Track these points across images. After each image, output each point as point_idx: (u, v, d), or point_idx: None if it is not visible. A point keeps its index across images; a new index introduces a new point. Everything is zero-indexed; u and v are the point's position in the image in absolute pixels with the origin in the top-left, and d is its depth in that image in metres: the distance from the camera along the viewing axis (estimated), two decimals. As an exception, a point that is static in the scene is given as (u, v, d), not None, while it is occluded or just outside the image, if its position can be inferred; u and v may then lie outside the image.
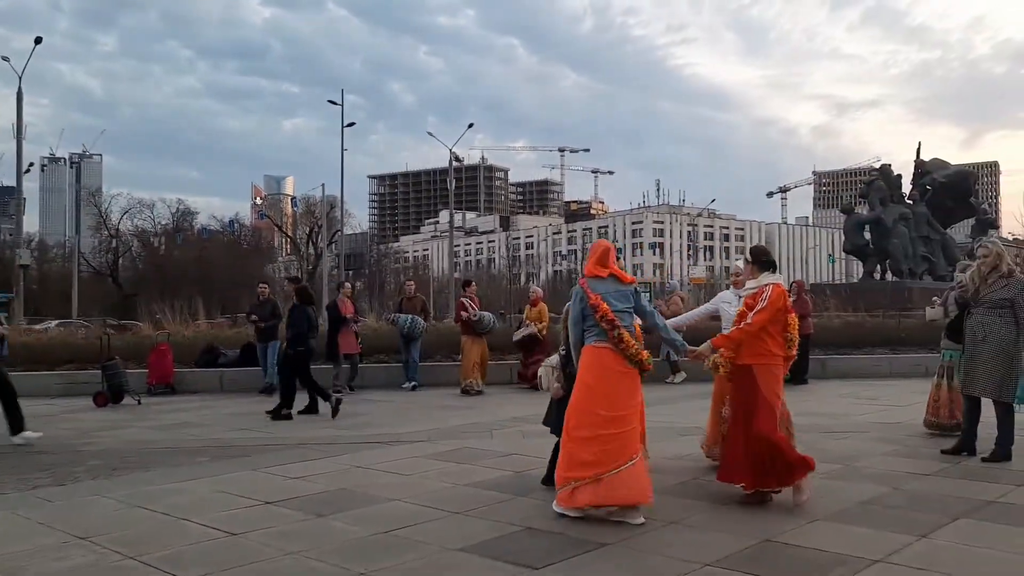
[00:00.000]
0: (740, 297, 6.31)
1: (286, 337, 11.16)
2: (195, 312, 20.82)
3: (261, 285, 14.33)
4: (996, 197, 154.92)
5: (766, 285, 5.76)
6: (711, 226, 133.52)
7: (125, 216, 62.49)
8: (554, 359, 6.34)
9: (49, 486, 6.74)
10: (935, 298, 8.90)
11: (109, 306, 49.11)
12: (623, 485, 5.17)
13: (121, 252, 61.73)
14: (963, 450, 7.25)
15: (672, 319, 7.05)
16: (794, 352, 5.90)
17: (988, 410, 7.18)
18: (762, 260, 5.92)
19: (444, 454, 7.76)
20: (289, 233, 72.83)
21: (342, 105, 42.69)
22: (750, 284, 5.97)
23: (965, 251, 34.12)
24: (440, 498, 5.95)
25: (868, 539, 4.83)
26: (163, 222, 65.22)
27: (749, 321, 5.68)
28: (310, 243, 64.99)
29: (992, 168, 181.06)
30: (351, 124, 45.16)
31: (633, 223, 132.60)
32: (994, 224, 35.73)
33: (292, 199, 64.86)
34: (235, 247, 67.26)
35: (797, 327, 5.93)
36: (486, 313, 13.88)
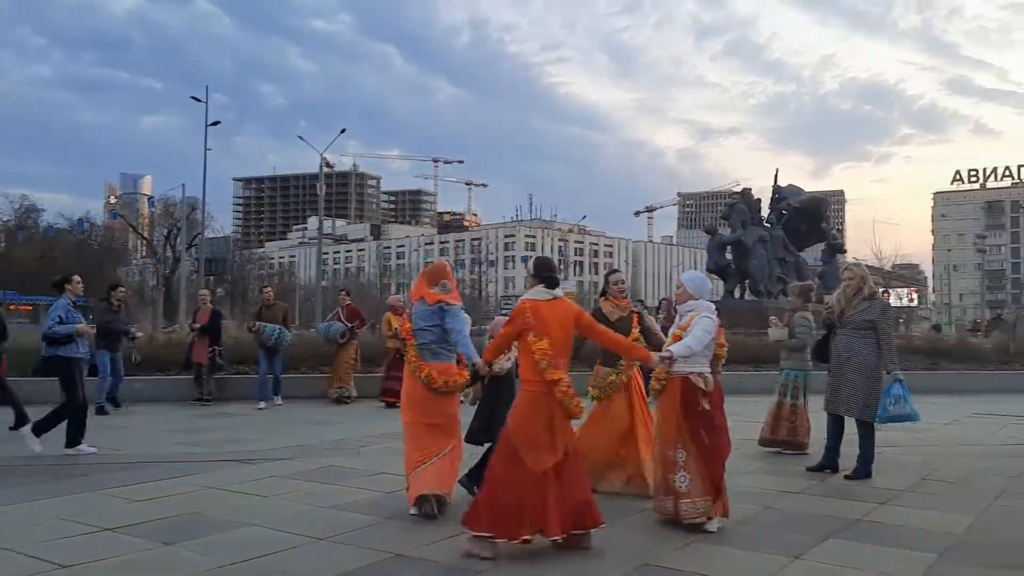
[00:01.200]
0: (681, 316, 5.89)
1: None
2: (37, 315, 19.28)
3: (120, 290, 13.24)
4: (842, 224, 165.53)
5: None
6: (581, 242, 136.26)
7: (-40, 210, 57.88)
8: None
9: None
10: (773, 318, 9.22)
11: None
12: (430, 475, 5.72)
13: (-45, 249, 57.04)
14: (826, 467, 7.43)
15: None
16: (551, 377, 4.91)
17: (849, 427, 7.40)
18: (538, 274, 5.24)
19: (307, 473, 7.31)
20: (145, 235, 69.17)
21: (206, 102, 40.91)
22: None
23: (816, 273, 36.16)
24: (303, 522, 5.54)
25: (747, 561, 4.78)
26: (4, 218, 60.81)
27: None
28: (168, 246, 61.90)
29: (839, 196, 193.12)
30: (216, 123, 43.39)
31: (506, 236, 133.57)
32: (842, 249, 37.90)
33: (149, 199, 61.57)
34: (85, 247, 63.34)
35: (542, 349, 4.94)
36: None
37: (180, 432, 10.06)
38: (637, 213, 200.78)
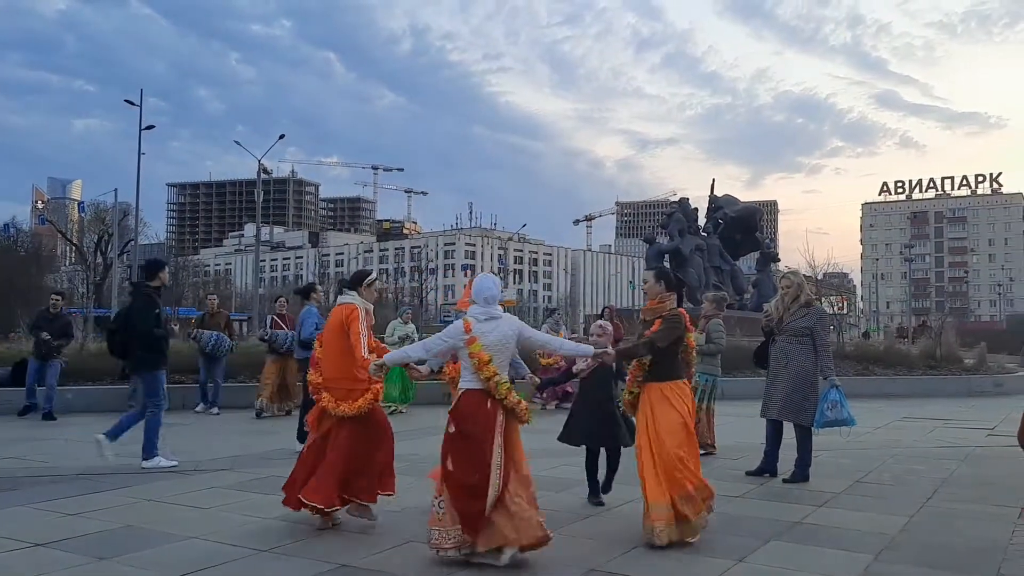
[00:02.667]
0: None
1: None
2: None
3: (54, 296, 12.93)
4: (775, 233, 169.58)
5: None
6: (521, 250, 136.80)
7: None
8: None
9: None
10: None
11: None
12: None
13: None
14: (765, 471, 7.58)
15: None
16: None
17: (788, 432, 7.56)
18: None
19: (247, 484, 7.17)
20: (75, 241, 67.13)
21: (140, 106, 40.00)
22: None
23: (751, 282, 36.81)
24: (244, 534, 5.43)
25: (689, 565, 4.84)
26: (-77, 223, 58.35)
27: None
28: (99, 252, 60.13)
29: (771, 206, 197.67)
30: (150, 127, 42.39)
31: (446, 244, 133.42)
32: (776, 258, 38.69)
33: (79, 204, 59.75)
34: (10, 253, 61.14)
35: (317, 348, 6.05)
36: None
37: (114, 443, 9.74)
38: (576, 222, 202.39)
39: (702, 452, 8.44)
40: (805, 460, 7.38)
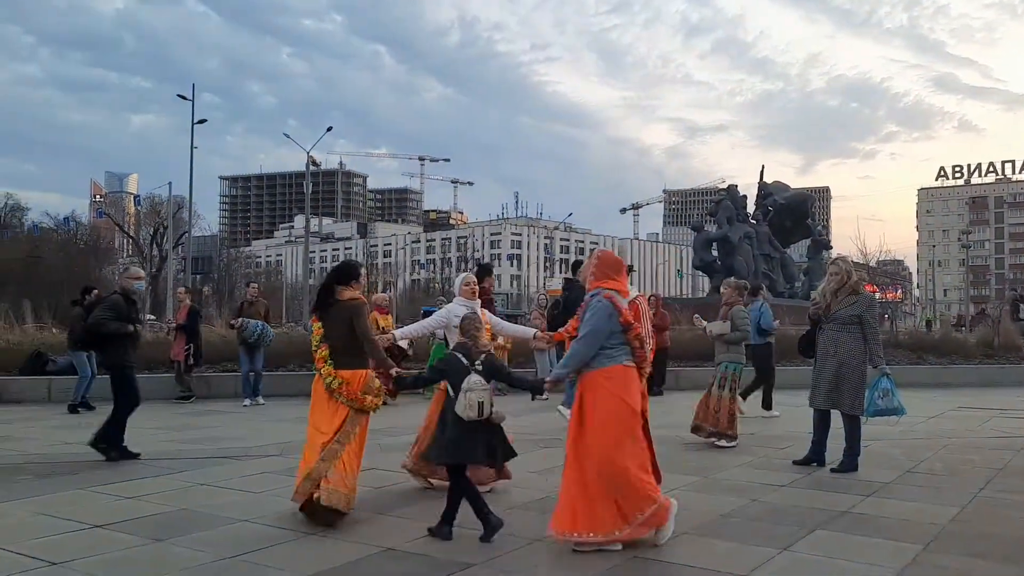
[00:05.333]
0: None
1: None
2: (22, 315, 19.04)
3: (94, 292, 13.18)
4: (828, 220, 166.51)
5: None
6: (567, 239, 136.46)
7: (-58, 209, 57.40)
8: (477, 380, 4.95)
9: None
10: (697, 316, 9.56)
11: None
12: None
13: (-63, 248, 56.43)
14: (813, 461, 7.49)
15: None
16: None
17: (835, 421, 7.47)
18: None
19: (296, 469, 7.29)
20: (131, 233, 68.80)
21: (192, 100, 40.77)
22: None
23: (802, 269, 36.22)
24: (294, 518, 5.54)
25: (733, 553, 4.82)
26: (-12, 217, 60.41)
27: None
28: (154, 245, 61.55)
29: (824, 193, 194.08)
30: (202, 121, 43.23)
31: (492, 234, 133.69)
32: (828, 245, 38.03)
33: (135, 197, 61.17)
34: (70, 246, 62.88)
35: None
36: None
37: (167, 430, 10.03)
38: (623, 210, 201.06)
39: (728, 443, 8.49)
40: (854, 449, 7.27)
